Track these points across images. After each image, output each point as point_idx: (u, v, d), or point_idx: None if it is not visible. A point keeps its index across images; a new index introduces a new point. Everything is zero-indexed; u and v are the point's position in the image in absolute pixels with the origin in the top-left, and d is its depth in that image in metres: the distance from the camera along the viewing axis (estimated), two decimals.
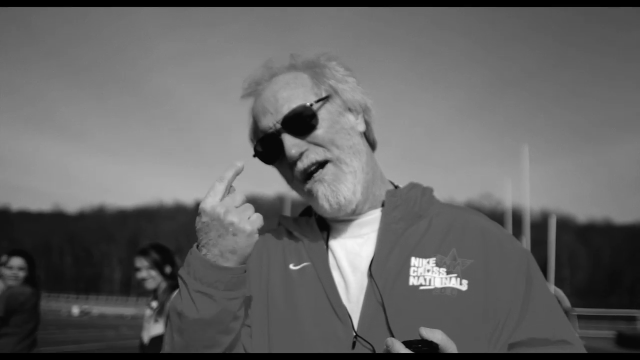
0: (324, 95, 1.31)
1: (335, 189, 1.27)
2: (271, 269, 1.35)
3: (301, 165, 1.28)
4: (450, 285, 1.22)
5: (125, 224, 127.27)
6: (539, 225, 57.74)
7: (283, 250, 1.38)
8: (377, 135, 1.45)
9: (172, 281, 4.19)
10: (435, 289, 1.21)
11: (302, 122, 1.26)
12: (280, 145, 1.27)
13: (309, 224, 1.39)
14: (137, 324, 39.97)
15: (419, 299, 1.20)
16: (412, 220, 1.33)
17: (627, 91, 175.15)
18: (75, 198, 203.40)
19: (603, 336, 42.30)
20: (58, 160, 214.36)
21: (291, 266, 1.34)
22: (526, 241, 30.10)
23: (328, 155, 1.28)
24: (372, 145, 1.44)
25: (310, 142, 1.27)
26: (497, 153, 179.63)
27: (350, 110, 1.35)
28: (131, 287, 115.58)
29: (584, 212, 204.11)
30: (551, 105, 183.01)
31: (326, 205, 1.28)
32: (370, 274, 1.24)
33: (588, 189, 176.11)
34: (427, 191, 1.42)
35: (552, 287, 24.06)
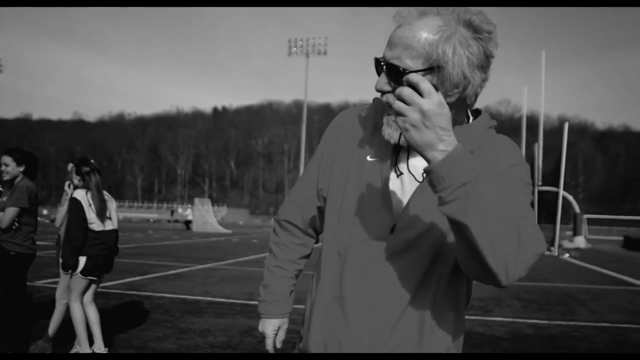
0: (427, 66, 1.39)
1: (390, 135, 1.48)
2: (354, 155, 1.60)
3: (383, 98, 1.47)
4: None
5: (145, 131, 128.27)
6: (557, 132, 57.68)
7: (366, 140, 1.60)
8: None
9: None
10: None
11: (397, 75, 1.40)
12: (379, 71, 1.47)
13: (393, 127, 1.49)
14: (161, 227, 41.71)
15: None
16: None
17: None
18: (94, 107, 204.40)
19: (612, 239, 43.46)
20: (76, 70, 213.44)
21: (368, 157, 1.57)
22: (539, 147, 30.59)
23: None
24: (466, 101, 1.50)
25: (395, 89, 1.39)
26: (516, 59, 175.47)
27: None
28: (154, 194, 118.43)
29: (602, 118, 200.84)
30: (570, 11, 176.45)
31: (385, 137, 1.50)
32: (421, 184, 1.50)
33: (608, 96, 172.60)
34: (490, 130, 1.61)
35: (562, 193, 24.76)
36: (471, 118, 1.62)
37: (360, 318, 1.53)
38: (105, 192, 5.30)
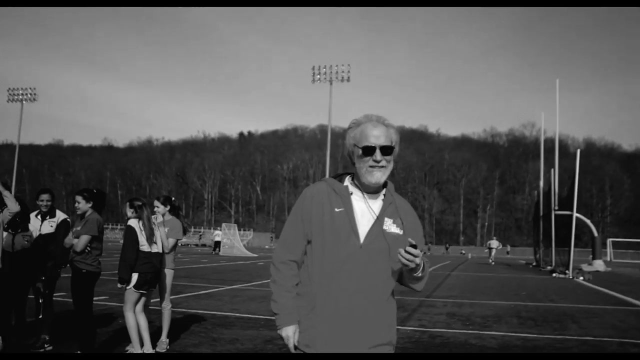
0: (394, 144, 2.55)
1: (380, 178, 2.50)
2: (325, 209, 2.49)
3: (378, 163, 2.47)
4: (396, 231, 2.52)
5: (173, 156, 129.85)
6: (582, 155, 57.59)
7: (330, 200, 2.50)
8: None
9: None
10: (392, 232, 2.51)
11: (388, 151, 2.50)
12: (374, 151, 2.47)
13: (342, 189, 2.54)
14: (189, 251, 42.82)
15: (386, 235, 2.49)
16: (390, 203, 2.60)
17: None
18: (123, 133, 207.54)
19: (637, 263, 43.49)
20: (106, 97, 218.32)
21: (336, 209, 2.47)
22: (555, 172, 31.15)
23: (387, 167, 2.52)
24: None
25: (386, 158, 2.51)
26: (535, 86, 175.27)
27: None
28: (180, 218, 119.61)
29: (630, 140, 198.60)
30: (588, 34, 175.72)
31: (373, 181, 2.47)
32: (376, 220, 2.50)
33: (635, 117, 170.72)
34: (393, 189, 2.67)
35: (575, 216, 25.34)
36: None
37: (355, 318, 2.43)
38: (155, 219, 6.41)
